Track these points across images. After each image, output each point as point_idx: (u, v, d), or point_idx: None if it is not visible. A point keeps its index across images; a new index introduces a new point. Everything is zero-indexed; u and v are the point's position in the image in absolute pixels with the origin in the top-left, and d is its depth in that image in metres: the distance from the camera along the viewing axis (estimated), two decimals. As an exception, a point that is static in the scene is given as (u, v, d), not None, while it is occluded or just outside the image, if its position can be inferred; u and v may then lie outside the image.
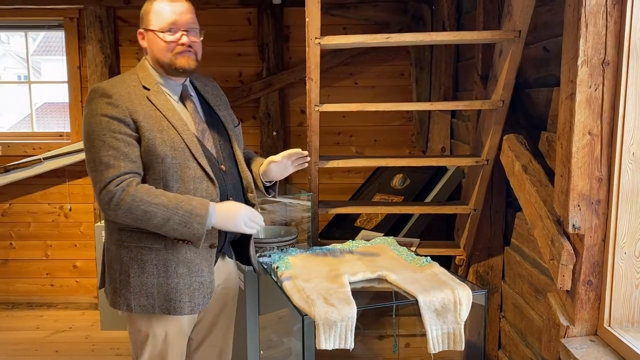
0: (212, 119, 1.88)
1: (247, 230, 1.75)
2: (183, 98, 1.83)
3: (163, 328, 1.79)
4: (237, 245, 1.96)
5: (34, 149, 3.84)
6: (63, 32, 3.82)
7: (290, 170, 1.93)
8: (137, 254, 1.75)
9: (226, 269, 1.94)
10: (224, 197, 1.80)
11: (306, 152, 1.91)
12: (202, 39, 1.82)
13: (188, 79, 1.88)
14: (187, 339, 1.88)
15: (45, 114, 7.29)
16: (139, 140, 1.71)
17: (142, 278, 1.75)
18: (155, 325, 1.78)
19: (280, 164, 1.91)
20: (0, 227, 3.96)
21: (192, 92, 1.88)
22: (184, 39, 1.75)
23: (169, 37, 1.74)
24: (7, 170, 3.73)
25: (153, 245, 1.74)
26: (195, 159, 1.73)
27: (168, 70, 1.78)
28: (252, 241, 1.96)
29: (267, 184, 1.96)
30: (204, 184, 1.75)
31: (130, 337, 1.86)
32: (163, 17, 1.74)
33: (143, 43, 1.80)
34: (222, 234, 1.81)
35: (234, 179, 1.88)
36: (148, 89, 1.76)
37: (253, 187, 1.92)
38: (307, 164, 1.96)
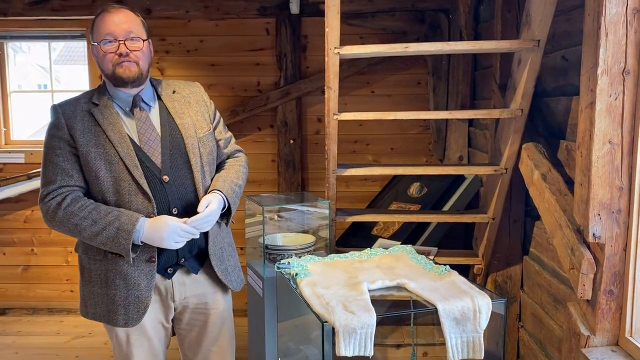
0: (169, 127, 1.88)
1: (175, 246, 1.76)
2: (134, 108, 1.84)
3: (124, 332, 1.86)
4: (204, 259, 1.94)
5: (55, 156, 3.91)
6: (85, 42, 3.90)
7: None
8: (85, 263, 1.85)
9: (197, 286, 1.92)
10: (163, 209, 1.79)
11: (198, 215, 1.78)
12: (143, 46, 1.80)
13: (149, 87, 1.89)
14: (160, 340, 1.92)
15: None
16: (78, 156, 1.78)
17: (90, 287, 1.84)
18: (118, 328, 1.85)
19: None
20: (22, 233, 4.03)
21: (152, 102, 1.88)
22: (121, 48, 1.76)
23: (105, 47, 1.76)
24: (29, 177, 3.81)
25: (95, 256, 1.82)
26: (129, 172, 1.75)
27: (112, 81, 1.81)
28: (214, 254, 1.90)
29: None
30: (139, 197, 1.77)
31: None
32: (100, 29, 1.77)
33: (94, 58, 1.84)
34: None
35: (183, 189, 1.84)
36: (97, 104, 1.81)
37: None
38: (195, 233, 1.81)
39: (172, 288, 1.88)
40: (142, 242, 1.74)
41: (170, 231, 1.72)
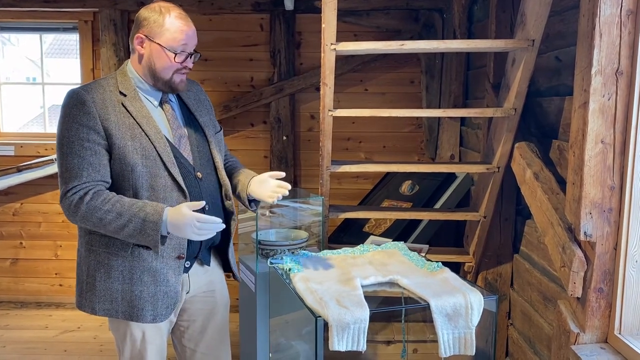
0: (191, 125, 1.88)
1: (198, 238, 1.70)
2: (162, 103, 1.83)
3: (140, 328, 1.82)
4: (219, 252, 1.99)
5: (46, 149, 3.88)
6: (77, 35, 3.87)
7: (268, 191, 1.86)
8: (104, 258, 1.77)
9: (207, 274, 1.95)
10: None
11: (284, 174, 1.88)
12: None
13: None
14: (166, 336, 1.91)
15: (55, 115, 7.35)
16: (110, 149, 1.71)
17: (107, 283, 1.76)
18: (133, 325, 1.81)
19: (262, 182, 1.88)
20: (11, 226, 4.00)
21: (173, 97, 1.88)
22: (188, 63, 1.78)
23: (177, 58, 1.75)
24: (19, 170, 3.77)
25: (120, 252, 1.75)
26: (167, 168, 1.73)
27: (161, 85, 1.78)
28: (230, 248, 1.97)
29: (250, 198, 1.94)
30: (174, 194, 1.75)
31: (112, 333, 1.90)
32: (176, 37, 1.73)
33: (140, 49, 1.76)
34: (196, 241, 1.81)
35: (212, 186, 1.87)
36: (125, 95, 1.75)
37: (231, 194, 1.94)
38: (286, 192, 1.85)
39: (189, 280, 1.89)
40: (168, 232, 1.70)
41: (188, 222, 1.66)
